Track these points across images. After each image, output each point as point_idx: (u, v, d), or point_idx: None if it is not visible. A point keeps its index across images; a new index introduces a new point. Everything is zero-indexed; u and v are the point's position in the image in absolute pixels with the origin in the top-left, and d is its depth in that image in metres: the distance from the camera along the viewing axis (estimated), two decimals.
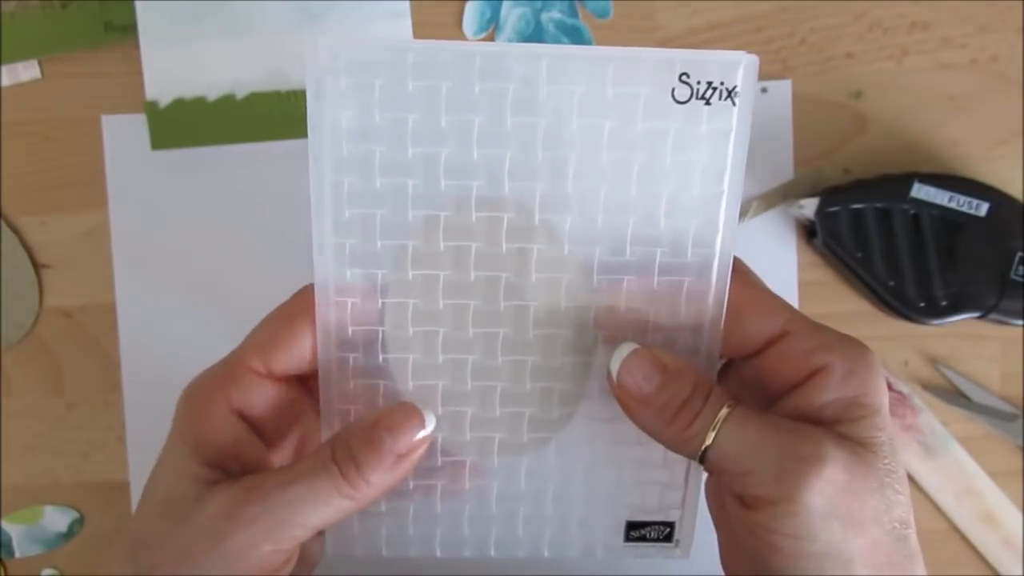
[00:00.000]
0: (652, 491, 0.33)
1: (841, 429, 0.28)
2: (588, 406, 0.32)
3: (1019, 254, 0.43)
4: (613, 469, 0.32)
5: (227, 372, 0.31)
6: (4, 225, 0.45)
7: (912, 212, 0.43)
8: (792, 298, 0.46)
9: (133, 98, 0.45)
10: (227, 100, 0.45)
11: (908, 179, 0.43)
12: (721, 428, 0.28)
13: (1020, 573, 0.46)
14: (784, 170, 0.46)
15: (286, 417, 0.32)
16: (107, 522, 0.46)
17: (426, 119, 0.29)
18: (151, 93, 0.45)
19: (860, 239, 0.43)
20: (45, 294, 0.46)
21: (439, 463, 0.32)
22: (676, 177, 0.30)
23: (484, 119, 0.29)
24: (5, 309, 0.46)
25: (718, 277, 0.31)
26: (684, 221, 0.30)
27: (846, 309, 0.46)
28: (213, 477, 0.29)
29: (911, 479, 0.46)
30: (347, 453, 0.29)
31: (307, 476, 0.29)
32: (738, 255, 0.31)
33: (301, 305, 0.31)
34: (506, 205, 0.30)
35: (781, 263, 0.46)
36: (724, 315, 0.30)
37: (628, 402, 0.29)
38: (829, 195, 0.44)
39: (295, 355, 0.31)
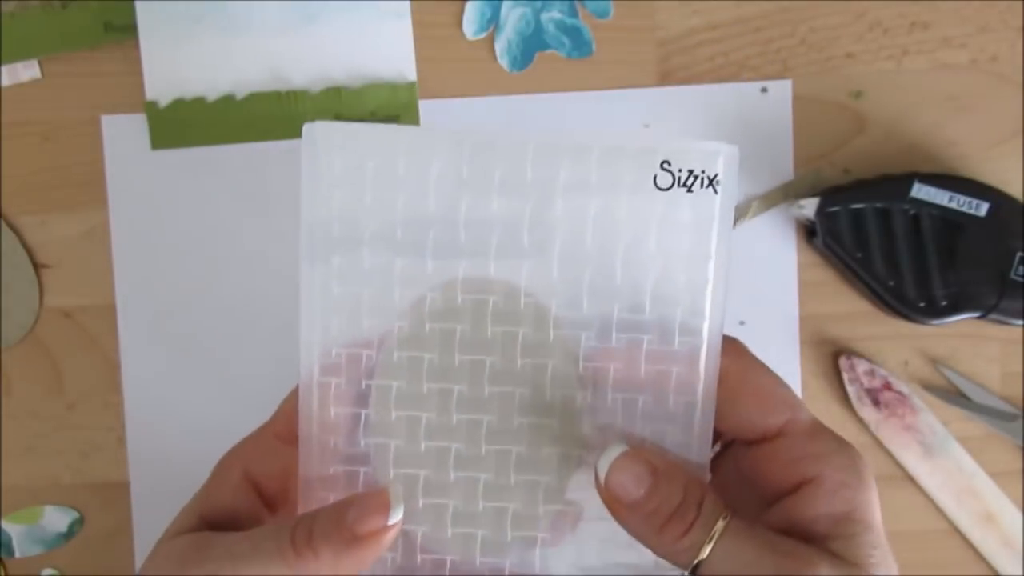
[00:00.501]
0: None
1: (833, 547, 0.28)
2: (575, 504, 0.31)
3: (1019, 254, 0.43)
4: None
5: (252, 438, 0.31)
6: (4, 225, 0.45)
7: (912, 212, 0.43)
8: (792, 298, 0.46)
9: (133, 98, 0.45)
10: (227, 100, 0.45)
11: (908, 179, 0.43)
12: (717, 543, 0.27)
13: (1020, 573, 0.46)
14: (784, 170, 0.46)
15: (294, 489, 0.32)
16: (107, 522, 0.46)
17: (414, 200, 0.29)
18: (151, 93, 0.45)
19: (860, 239, 0.43)
20: (45, 294, 0.46)
21: (419, 561, 0.31)
22: (661, 263, 0.30)
23: (470, 201, 0.29)
24: (5, 309, 0.46)
25: (706, 369, 0.30)
26: (670, 309, 0.30)
27: (846, 309, 0.46)
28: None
29: (911, 479, 0.46)
30: (306, 521, 0.28)
31: (259, 535, 0.28)
32: (738, 256, 0.31)
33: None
34: (492, 288, 0.30)
35: (781, 263, 0.46)
36: (713, 409, 0.30)
37: (615, 506, 0.28)
38: (829, 195, 0.44)
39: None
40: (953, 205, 0.43)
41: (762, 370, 0.30)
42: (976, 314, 0.43)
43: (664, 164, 0.29)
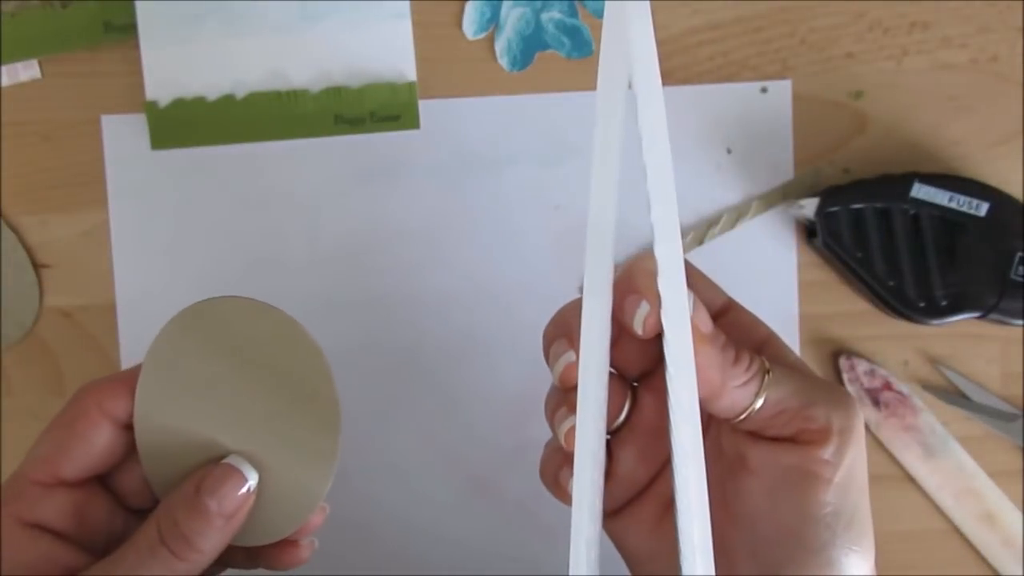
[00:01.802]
0: None
1: None
2: None
3: (1019, 254, 0.43)
4: None
5: (10, 490, 0.31)
6: (4, 225, 0.45)
7: (912, 212, 0.43)
8: (792, 298, 0.46)
9: (133, 98, 0.45)
10: (227, 100, 0.45)
11: (908, 179, 0.43)
12: (772, 372, 0.29)
13: (1020, 573, 0.46)
14: (784, 170, 0.46)
15: (95, 519, 0.31)
16: None
17: None
18: (151, 93, 0.45)
19: (860, 239, 0.43)
20: (45, 294, 0.46)
21: None
22: None
23: None
24: (5, 309, 0.46)
25: None
26: None
27: (846, 309, 0.46)
28: None
29: (911, 479, 0.46)
30: (175, 530, 0.29)
31: (138, 564, 0.28)
32: (738, 256, 0.31)
33: (79, 409, 0.31)
34: None
35: (781, 263, 0.46)
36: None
37: (697, 336, 0.28)
38: (829, 195, 0.44)
39: (83, 459, 0.30)
40: (953, 205, 0.43)
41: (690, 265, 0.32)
42: (976, 314, 0.43)
43: None
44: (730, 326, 0.31)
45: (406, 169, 0.46)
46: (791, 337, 0.46)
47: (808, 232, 0.46)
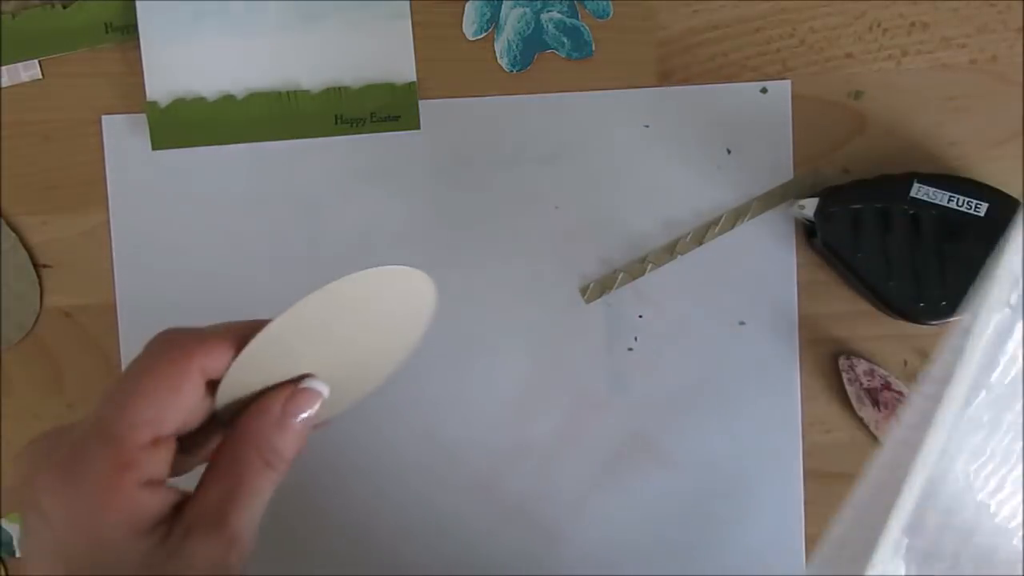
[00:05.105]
0: None
1: None
2: None
3: None
4: None
5: (114, 451, 0.30)
6: (4, 225, 0.45)
7: (911, 212, 0.43)
8: (792, 298, 0.46)
9: (133, 98, 0.45)
10: (227, 100, 0.45)
11: (908, 179, 0.43)
12: None
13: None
14: (784, 170, 0.46)
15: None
16: None
17: None
18: (151, 93, 0.45)
19: (860, 239, 0.43)
20: (45, 294, 0.46)
21: None
22: None
23: None
24: (5, 309, 0.46)
25: None
26: None
27: (846, 309, 0.46)
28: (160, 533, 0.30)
29: None
30: (271, 450, 0.31)
31: (253, 481, 0.31)
32: (738, 256, 0.29)
33: (181, 370, 0.31)
34: None
35: (781, 263, 0.46)
36: None
37: None
38: (829, 195, 0.44)
39: (182, 419, 0.31)
40: (952, 205, 0.43)
41: None
42: None
43: None
44: None
45: (406, 169, 0.46)
46: (791, 337, 0.46)
47: (808, 232, 0.46)
